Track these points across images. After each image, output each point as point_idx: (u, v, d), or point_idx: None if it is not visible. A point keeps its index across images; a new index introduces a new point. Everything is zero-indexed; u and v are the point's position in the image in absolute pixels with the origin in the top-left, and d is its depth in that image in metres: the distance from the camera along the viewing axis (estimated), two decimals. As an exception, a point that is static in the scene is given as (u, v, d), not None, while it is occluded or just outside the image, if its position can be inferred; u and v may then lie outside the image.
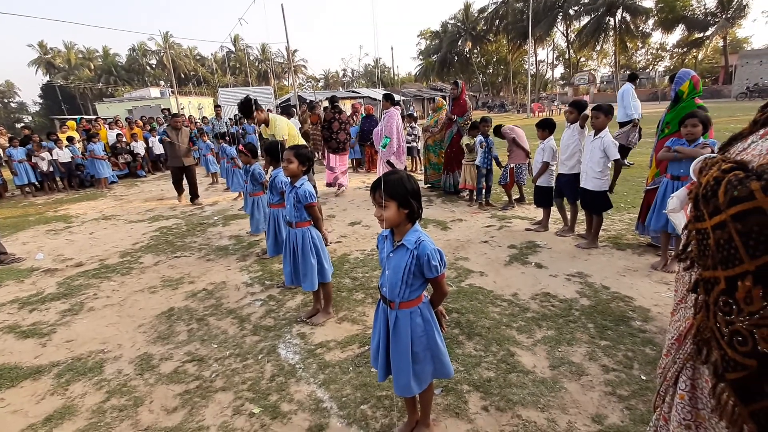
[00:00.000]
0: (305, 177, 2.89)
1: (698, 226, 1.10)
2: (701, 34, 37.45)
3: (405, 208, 1.58)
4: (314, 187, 3.92)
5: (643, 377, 2.21)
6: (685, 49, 41.46)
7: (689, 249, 1.17)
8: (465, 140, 5.95)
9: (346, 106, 17.89)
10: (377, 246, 1.84)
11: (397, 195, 1.56)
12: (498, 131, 5.74)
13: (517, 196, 6.12)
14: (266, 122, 4.65)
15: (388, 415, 2.08)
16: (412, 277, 1.60)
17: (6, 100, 61.27)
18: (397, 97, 9.27)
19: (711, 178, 1.01)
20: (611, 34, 40.11)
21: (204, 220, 6.32)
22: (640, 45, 44.22)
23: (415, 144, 9.10)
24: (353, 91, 32.34)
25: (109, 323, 3.27)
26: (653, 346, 2.46)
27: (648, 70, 48.84)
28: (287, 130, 4.62)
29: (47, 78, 53.49)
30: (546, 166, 4.58)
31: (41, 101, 54.84)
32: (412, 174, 6.87)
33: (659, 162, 3.52)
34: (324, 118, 7.93)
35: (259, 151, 5.60)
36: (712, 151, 2.80)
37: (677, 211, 1.57)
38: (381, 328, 1.73)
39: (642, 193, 4.02)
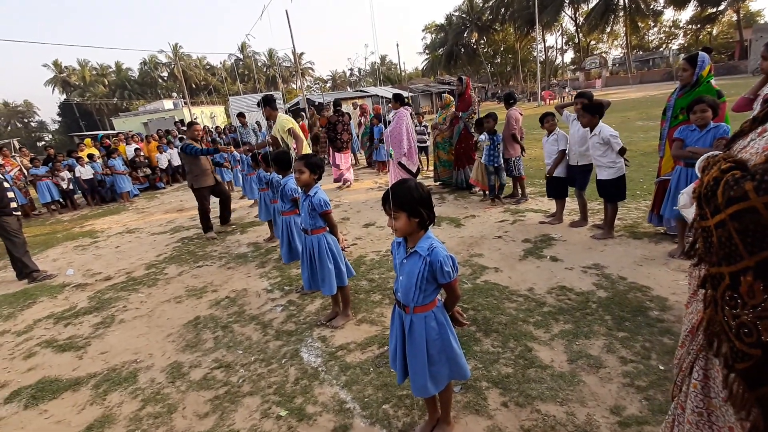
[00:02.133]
0: (318, 185, 2.97)
1: (703, 224, 1.14)
2: (714, 9, 36.20)
3: (415, 217, 1.63)
4: None
5: (661, 367, 2.22)
6: (698, 26, 40.18)
7: (696, 246, 1.21)
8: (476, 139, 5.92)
9: (348, 106, 18.06)
10: (391, 252, 1.90)
11: (406, 205, 1.61)
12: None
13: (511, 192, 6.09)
14: (273, 119, 5.40)
15: (410, 413, 2.14)
16: (426, 283, 1.66)
17: (26, 120, 63.50)
18: (404, 93, 9.40)
19: (711, 178, 1.05)
20: (621, 14, 39.12)
21: (222, 228, 6.48)
22: (652, 24, 43.04)
23: (427, 142, 8.81)
24: (361, 90, 32.40)
25: (140, 334, 3.42)
26: (671, 335, 2.46)
27: (662, 49, 47.49)
28: (286, 125, 5.24)
29: (64, 96, 55.21)
30: (563, 154, 4.52)
31: (60, 119, 56.69)
32: (422, 173, 6.84)
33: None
34: (328, 120, 8.52)
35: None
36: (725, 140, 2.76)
37: (688, 207, 1.59)
38: (397, 331, 1.80)
39: (654, 183, 3.96)
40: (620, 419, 1.94)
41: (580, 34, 44.74)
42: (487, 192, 6.04)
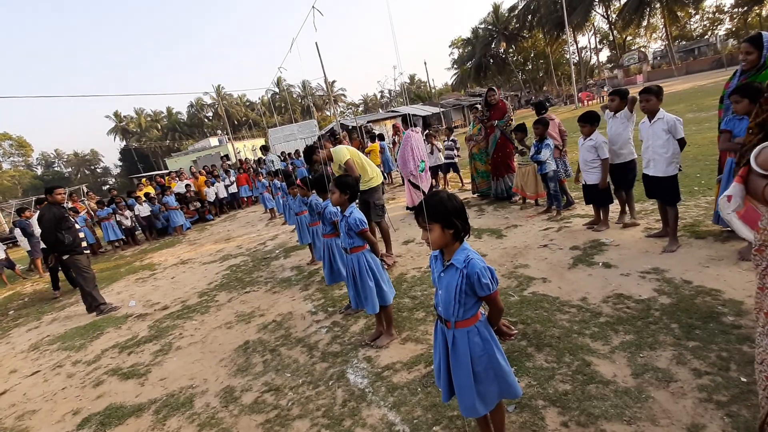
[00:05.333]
0: (354, 205, 3.00)
1: None
2: (763, -12, 33.78)
3: (449, 229, 1.59)
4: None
5: (743, 379, 1.99)
6: (745, 8, 37.54)
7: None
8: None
9: (387, 126, 18.38)
10: (430, 266, 1.86)
11: (440, 217, 1.58)
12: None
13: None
14: (330, 158, 4.74)
15: (462, 435, 2.05)
16: (465, 296, 1.60)
17: (92, 167, 70.40)
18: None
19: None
20: (657, 6, 37.36)
21: (267, 254, 6.70)
22: (693, 12, 40.72)
23: (456, 158, 8.37)
24: (393, 111, 32.90)
25: (195, 360, 3.56)
26: (751, 342, 2.20)
27: (707, 37, 44.72)
28: (347, 153, 4.65)
29: (123, 142, 60.69)
30: (607, 162, 4.18)
31: (121, 163, 62.11)
32: (460, 187, 6.68)
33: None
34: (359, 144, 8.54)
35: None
36: None
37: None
38: (440, 348, 1.74)
39: (716, 181, 3.63)
40: (699, 439, 1.74)
41: (615, 31, 43.15)
42: (526, 199, 5.86)
